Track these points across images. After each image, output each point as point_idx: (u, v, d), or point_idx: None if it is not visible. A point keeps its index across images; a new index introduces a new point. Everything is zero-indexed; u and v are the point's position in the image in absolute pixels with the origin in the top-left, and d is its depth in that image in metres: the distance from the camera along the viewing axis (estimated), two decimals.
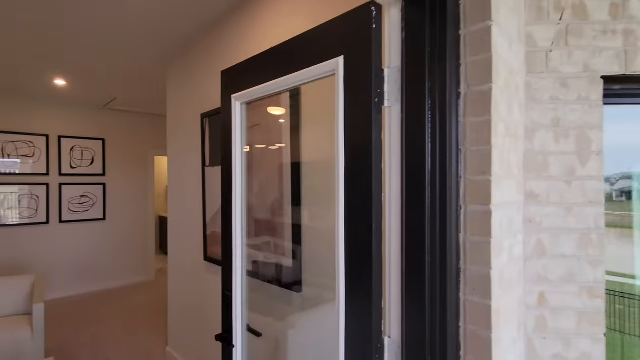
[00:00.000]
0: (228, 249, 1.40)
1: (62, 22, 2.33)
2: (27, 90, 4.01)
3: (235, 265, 1.36)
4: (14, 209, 4.23)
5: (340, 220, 0.94)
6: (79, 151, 4.71)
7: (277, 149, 1.72)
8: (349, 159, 0.92)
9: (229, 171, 1.37)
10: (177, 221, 2.84)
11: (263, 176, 1.76)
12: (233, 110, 1.36)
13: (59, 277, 4.57)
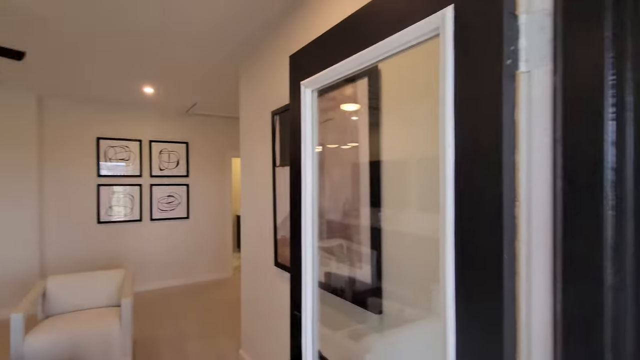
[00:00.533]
0: (297, 263, 1.20)
1: (150, 27, 2.42)
2: (122, 99, 4.42)
3: (305, 282, 1.16)
4: (114, 207, 4.70)
5: (449, 231, 0.67)
6: (166, 154, 5.06)
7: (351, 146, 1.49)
8: (462, 151, 0.64)
9: (298, 169, 1.18)
10: (248, 224, 2.79)
11: (336, 175, 1.54)
12: (302, 99, 1.16)
13: (148, 270, 4.96)
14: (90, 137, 4.57)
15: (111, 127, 4.70)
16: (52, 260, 4.35)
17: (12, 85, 3.75)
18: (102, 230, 4.65)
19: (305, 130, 1.16)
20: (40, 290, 2.77)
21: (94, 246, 4.59)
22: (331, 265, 1.49)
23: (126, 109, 4.79)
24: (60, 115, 4.39)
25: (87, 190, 4.55)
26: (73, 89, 3.95)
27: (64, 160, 4.42)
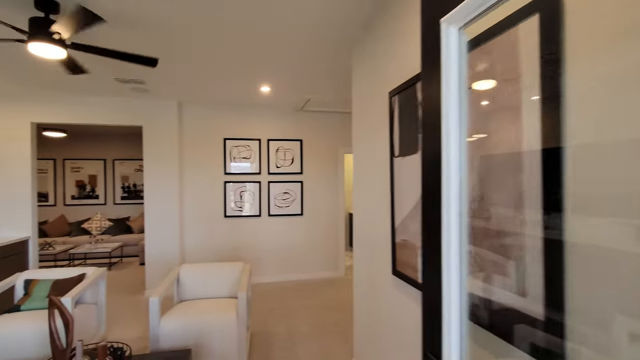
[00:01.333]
0: (432, 283, 0.84)
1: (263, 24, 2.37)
2: (243, 101, 4.69)
3: (449, 313, 0.79)
4: (238, 203, 5.05)
5: None
6: (282, 152, 5.21)
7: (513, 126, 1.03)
8: None
9: (435, 154, 0.81)
10: (360, 224, 2.50)
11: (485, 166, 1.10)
12: (444, 46, 0.79)
13: (265, 263, 5.18)
14: (219, 138, 5.00)
15: (235, 128, 5.06)
16: (189, 249, 4.91)
17: (159, 94, 4.33)
18: (228, 223, 5.04)
19: (449, 98, 0.78)
20: (174, 276, 3.04)
21: (220, 238, 5.01)
22: (478, 291, 1.07)
23: (247, 110, 5.09)
24: (195, 119, 4.92)
25: (216, 187, 4.99)
26: (203, 95, 4.34)
27: (198, 160, 4.94)
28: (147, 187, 4.55)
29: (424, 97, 0.88)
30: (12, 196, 4.18)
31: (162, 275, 4.60)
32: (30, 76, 3.54)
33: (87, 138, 7.71)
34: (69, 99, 4.32)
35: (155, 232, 4.57)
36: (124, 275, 5.60)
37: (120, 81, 3.70)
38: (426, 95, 0.86)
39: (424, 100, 0.88)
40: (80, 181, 7.73)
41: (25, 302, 2.81)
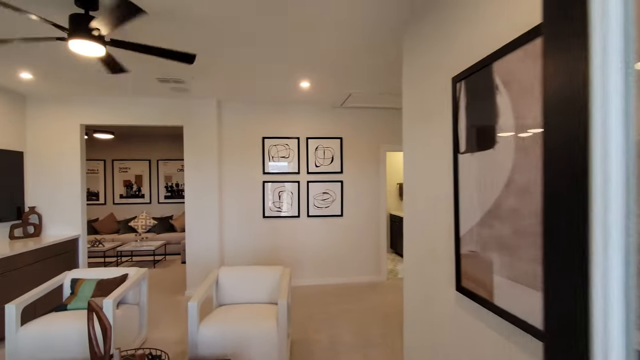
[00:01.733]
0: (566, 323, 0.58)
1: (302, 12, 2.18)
2: (282, 98, 4.55)
3: None
4: (276, 203, 4.93)
5: None
6: (322, 150, 5.02)
7: None
8: None
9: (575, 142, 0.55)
10: (413, 229, 2.23)
11: None
12: None
13: (304, 266, 5.01)
14: (257, 137, 4.91)
15: (273, 126, 4.94)
16: (228, 249, 4.87)
17: (199, 93, 4.30)
18: (266, 224, 4.94)
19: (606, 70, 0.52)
20: (213, 279, 2.94)
21: (259, 239, 4.92)
22: None
23: (285, 108, 4.96)
24: (233, 118, 4.86)
25: (255, 187, 4.91)
26: (242, 93, 4.25)
27: (237, 159, 4.88)
28: (187, 187, 4.56)
29: (548, 70, 0.62)
30: (63, 195, 4.34)
31: (202, 275, 4.58)
32: (79, 79, 3.62)
33: (133, 139, 8.01)
34: (114, 101, 4.42)
35: (195, 232, 4.57)
36: (167, 274, 5.70)
37: (161, 81, 3.69)
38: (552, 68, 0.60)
39: (547, 77, 0.62)
40: (128, 181, 8.05)
41: (72, 302, 2.83)
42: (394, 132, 5.18)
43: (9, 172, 3.96)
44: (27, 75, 3.46)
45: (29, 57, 2.99)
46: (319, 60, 3.12)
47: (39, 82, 3.70)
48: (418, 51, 2.12)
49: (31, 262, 3.53)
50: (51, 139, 4.32)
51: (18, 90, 4.03)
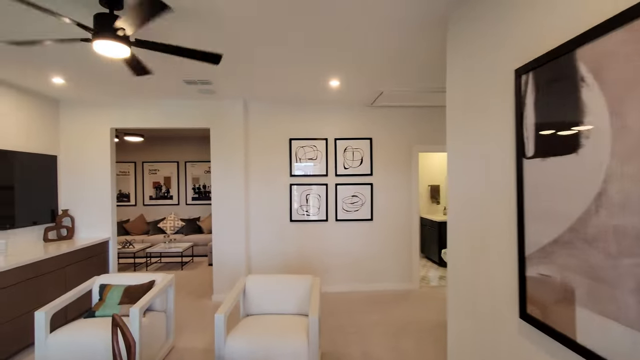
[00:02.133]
0: None
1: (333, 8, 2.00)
2: (310, 98, 4.38)
3: None
4: (304, 207, 4.78)
5: None
6: (350, 152, 4.82)
7: None
8: None
9: None
10: (460, 238, 2.00)
11: None
12: None
13: (332, 272, 4.83)
14: (284, 138, 4.78)
15: (301, 127, 4.79)
16: (255, 253, 4.76)
17: (225, 94, 4.21)
18: (294, 228, 4.80)
19: None
20: (240, 288, 2.82)
21: (286, 243, 4.79)
22: None
23: (313, 108, 4.79)
24: (260, 119, 4.75)
25: (282, 190, 4.78)
26: (269, 93, 4.13)
27: (263, 161, 4.77)
28: (214, 190, 4.49)
29: None
30: (94, 198, 4.38)
31: (229, 280, 4.50)
32: (108, 83, 3.61)
33: (162, 142, 8.11)
34: (142, 104, 4.41)
35: (222, 235, 4.49)
36: (194, 276, 5.68)
37: (188, 83, 3.62)
38: None
39: None
40: (157, 182, 8.17)
41: (100, 308, 2.79)
42: (427, 132, 4.91)
43: (44, 176, 4.03)
44: (59, 80, 3.48)
45: (60, 61, 2.98)
46: (351, 58, 2.93)
47: (70, 86, 3.72)
48: (466, 39, 1.89)
49: (63, 265, 3.56)
50: (83, 143, 4.37)
51: (52, 95, 4.09)
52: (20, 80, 3.52)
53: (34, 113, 3.94)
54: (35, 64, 3.05)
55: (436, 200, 6.85)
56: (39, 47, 2.63)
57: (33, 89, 3.84)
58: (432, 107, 4.90)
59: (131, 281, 3.05)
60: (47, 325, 2.47)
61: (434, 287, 4.94)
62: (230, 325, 3.62)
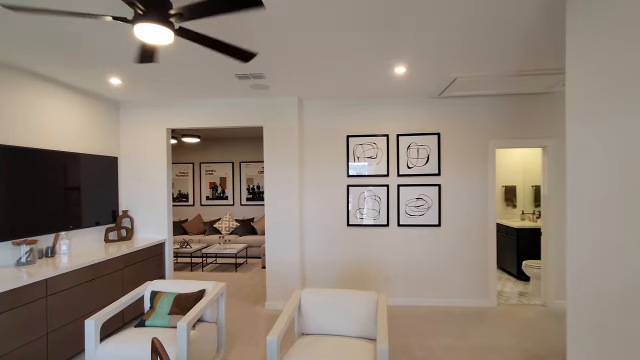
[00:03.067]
0: None
1: None
2: (370, 91, 3.94)
3: None
4: (362, 210, 4.36)
5: None
6: (415, 149, 4.30)
7: None
8: None
9: None
10: (586, 252, 1.45)
11: None
12: None
13: (393, 283, 4.34)
14: (341, 136, 4.41)
15: (359, 123, 4.39)
16: (309, 259, 4.45)
17: (279, 90, 3.94)
18: (351, 233, 4.40)
19: None
20: (295, 304, 2.49)
21: (343, 250, 4.41)
22: None
23: (373, 102, 4.36)
24: (315, 115, 4.43)
25: (338, 192, 4.41)
26: (326, 86, 3.78)
27: (319, 160, 4.44)
28: (267, 191, 4.25)
29: None
30: (151, 199, 4.37)
31: (282, 286, 4.23)
32: (161, 82, 3.52)
33: (217, 142, 8.19)
34: (196, 104, 4.32)
35: (275, 238, 4.24)
36: (248, 279, 5.54)
37: (240, 77, 3.39)
38: None
39: None
40: (213, 183, 8.27)
41: (150, 317, 2.64)
42: (506, 125, 4.21)
43: (106, 177, 4.09)
44: (116, 80, 3.46)
45: (115, 61, 2.90)
46: (429, 39, 2.45)
47: (127, 87, 3.70)
48: None
49: (121, 266, 3.53)
50: (141, 144, 4.39)
51: (113, 97, 4.15)
52: (84, 84, 3.55)
53: (97, 115, 4.01)
54: (95, 66, 3.01)
55: (512, 204, 6.01)
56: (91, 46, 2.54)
57: (96, 92, 3.89)
58: (513, 96, 4.20)
59: (182, 289, 2.87)
60: (96, 334, 2.35)
61: (514, 305, 4.24)
62: (285, 343, 3.32)
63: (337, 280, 4.41)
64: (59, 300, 2.79)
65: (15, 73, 3.04)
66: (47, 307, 2.68)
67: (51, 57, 2.82)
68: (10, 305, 2.39)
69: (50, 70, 3.14)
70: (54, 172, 3.35)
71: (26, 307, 2.51)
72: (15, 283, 2.40)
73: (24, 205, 3.03)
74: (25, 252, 2.96)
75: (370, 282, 4.38)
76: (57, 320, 2.77)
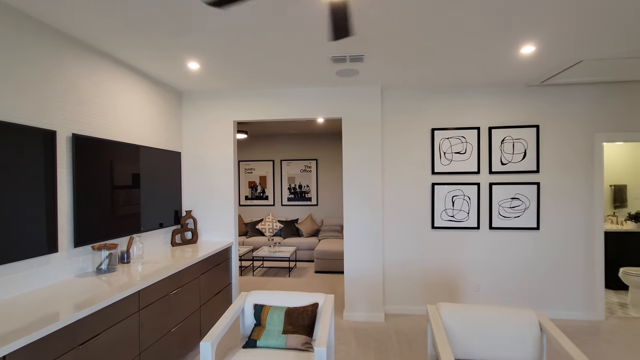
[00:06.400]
0: None
1: None
2: (463, 78, 3.49)
3: None
4: (449, 211, 3.94)
5: None
6: (510, 143, 3.86)
7: None
8: None
9: None
10: None
11: None
12: None
13: (483, 291, 3.91)
14: (425, 129, 3.99)
15: (446, 115, 3.96)
16: (389, 265, 4.04)
17: (365, 77, 3.54)
18: (436, 237, 3.98)
19: None
20: (439, 325, 2.07)
21: (426, 254, 3.98)
22: None
23: (462, 92, 3.93)
24: (396, 105, 4.02)
25: (422, 191, 3.99)
26: (416, 75, 3.36)
27: (400, 156, 4.02)
28: (346, 192, 3.84)
29: None
30: (215, 198, 4.00)
31: (363, 295, 3.82)
32: (242, 68, 3.14)
33: (258, 139, 7.83)
34: (266, 94, 3.93)
35: (354, 243, 3.83)
36: (305, 286, 5.14)
37: (336, 60, 2.99)
38: None
39: None
40: (252, 182, 7.91)
41: (261, 337, 2.24)
42: (616, 116, 3.76)
43: (170, 174, 3.72)
44: (195, 64, 3.08)
45: (202, 42, 2.52)
46: (567, 12, 2.03)
47: (202, 72, 3.32)
48: None
49: (198, 274, 3.15)
50: (204, 137, 4.02)
51: (177, 86, 3.78)
52: (156, 68, 3.18)
53: (162, 106, 3.64)
54: (180, 47, 2.63)
55: (621, 204, 5.33)
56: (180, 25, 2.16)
57: (162, 79, 3.53)
58: (625, 84, 3.74)
59: (289, 301, 2.48)
60: (212, 357, 1.96)
61: (624, 319, 3.77)
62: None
63: (421, 288, 3.99)
64: (149, 314, 2.41)
65: (97, 57, 2.68)
66: (139, 323, 2.30)
67: (133, 38, 2.44)
68: (109, 323, 2.01)
69: (127, 53, 2.77)
70: (124, 167, 2.98)
71: (122, 324, 2.13)
72: (111, 296, 2.03)
73: (99, 203, 2.67)
74: (105, 258, 2.59)
75: (458, 292, 3.95)
76: (149, 337, 2.39)
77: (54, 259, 2.31)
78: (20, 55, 2.08)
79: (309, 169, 7.66)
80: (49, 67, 2.28)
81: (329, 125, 6.52)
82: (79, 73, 2.52)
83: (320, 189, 7.63)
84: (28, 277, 2.12)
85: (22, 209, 2.04)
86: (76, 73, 2.50)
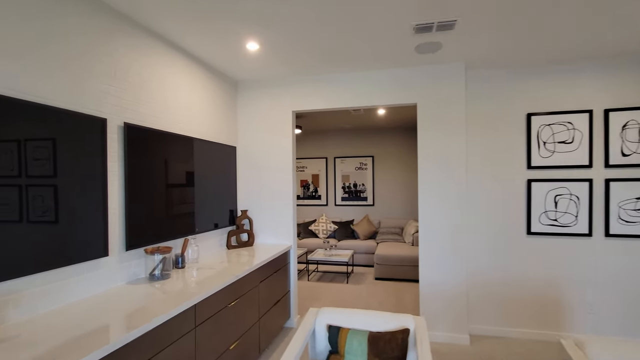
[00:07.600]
0: None
1: None
2: (568, 49, 2.78)
3: None
4: (551, 213, 3.23)
5: None
6: (634, 130, 3.07)
7: None
8: None
9: None
10: None
11: None
12: None
13: (599, 314, 3.14)
14: (518, 114, 3.31)
15: (545, 97, 3.26)
16: (472, 276, 3.41)
17: (448, 55, 2.97)
18: (533, 244, 3.28)
19: None
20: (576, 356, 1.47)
21: (520, 267, 3.30)
22: None
23: (566, 68, 3.20)
24: (482, 87, 3.39)
25: (514, 187, 3.32)
26: (511, 48, 2.73)
27: (487, 148, 3.39)
28: (422, 189, 3.29)
29: None
30: (271, 196, 3.64)
31: (441, 311, 3.24)
32: (303, 49, 2.73)
33: (313, 135, 7.46)
34: (329, 79, 3.49)
35: (431, 250, 3.26)
36: (367, 295, 4.64)
37: (419, 30, 2.47)
38: None
39: None
40: (304, 181, 7.56)
41: None
42: None
43: (225, 170, 3.42)
44: (254, 45, 2.72)
45: (262, 17, 2.14)
46: None
47: (261, 54, 2.96)
48: None
49: (255, 283, 2.78)
50: (259, 131, 3.68)
51: (233, 75, 3.48)
52: (213, 53, 2.88)
53: (218, 97, 3.35)
54: (237, 24, 2.28)
55: None
56: None
57: (217, 66, 3.22)
58: None
59: (370, 323, 2.00)
60: None
61: None
62: None
63: (512, 305, 3.31)
64: (206, 331, 2.06)
65: (146, 35, 2.41)
66: (195, 342, 1.95)
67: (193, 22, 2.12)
68: (163, 344, 1.68)
69: (173, 28, 2.47)
70: (178, 161, 2.70)
71: (176, 345, 1.79)
72: (165, 312, 1.68)
73: (152, 201, 2.39)
74: (159, 263, 2.30)
75: (564, 312, 3.22)
76: (204, 358, 2.04)
77: (104, 264, 2.04)
78: (63, 28, 1.82)
79: (365, 167, 7.15)
80: (94, 42, 2.02)
81: (388, 117, 5.95)
82: (125, 53, 2.25)
83: (376, 188, 7.09)
84: (78, 283, 1.86)
85: (71, 207, 1.77)
86: (123, 53, 2.23)
